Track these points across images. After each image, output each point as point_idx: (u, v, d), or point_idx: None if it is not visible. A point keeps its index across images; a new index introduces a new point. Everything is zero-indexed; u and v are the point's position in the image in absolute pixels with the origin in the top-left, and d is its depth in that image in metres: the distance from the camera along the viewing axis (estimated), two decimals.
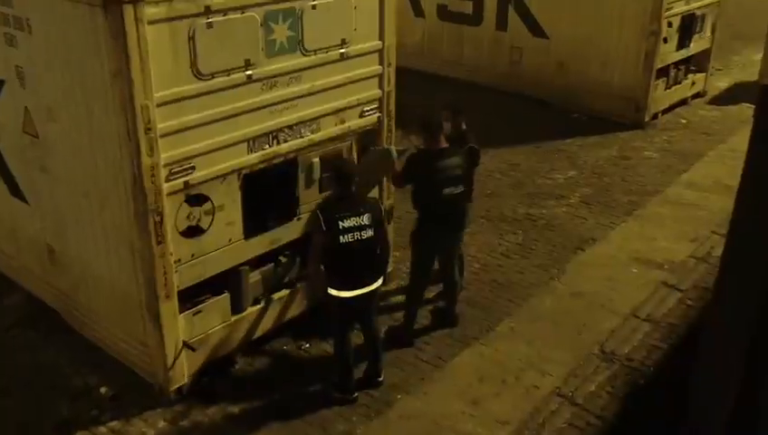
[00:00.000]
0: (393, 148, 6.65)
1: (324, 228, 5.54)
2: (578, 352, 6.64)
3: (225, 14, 5.30)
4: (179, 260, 5.61)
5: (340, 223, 5.55)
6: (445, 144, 6.33)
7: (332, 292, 5.70)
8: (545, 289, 7.60)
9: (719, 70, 14.68)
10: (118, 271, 5.81)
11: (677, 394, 5.64)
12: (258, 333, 6.45)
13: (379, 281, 5.88)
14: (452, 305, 6.99)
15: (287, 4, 5.68)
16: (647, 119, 12.03)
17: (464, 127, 6.82)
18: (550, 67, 12.71)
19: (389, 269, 7.55)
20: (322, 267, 5.67)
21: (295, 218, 6.38)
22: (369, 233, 5.64)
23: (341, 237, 5.54)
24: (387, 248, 6.10)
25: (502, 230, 8.81)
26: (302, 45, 5.92)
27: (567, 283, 7.72)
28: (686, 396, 5.30)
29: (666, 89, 12.34)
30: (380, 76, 6.64)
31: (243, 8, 5.41)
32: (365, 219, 5.63)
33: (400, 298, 7.36)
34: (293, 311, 6.66)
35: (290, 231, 6.38)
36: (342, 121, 6.46)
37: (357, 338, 6.22)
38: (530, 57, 12.91)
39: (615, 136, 11.76)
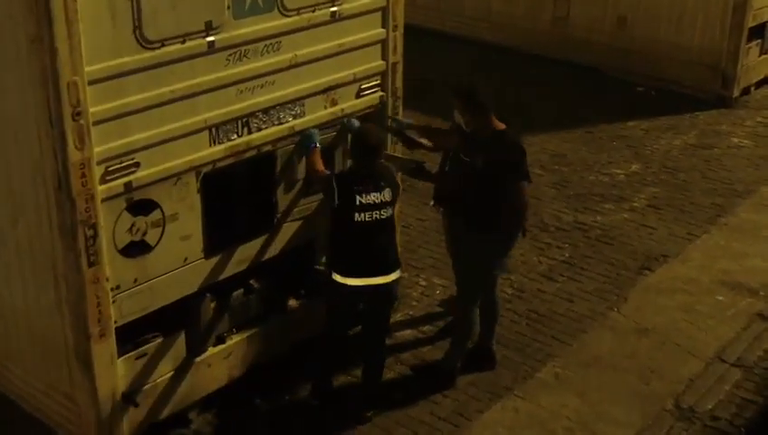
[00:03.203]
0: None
1: (337, 202, 5.95)
2: (646, 407, 6.64)
3: None
4: (118, 287, 5.60)
5: (358, 198, 5.94)
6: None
7: (337, 278, 6.09)
8: (601, 323, 7.60)
9: None
10: (36, 302, 5.79)
11: None
12: (222, 381, 6.44)
13: (396, 274, 6.20)
14: (490, 338, 7.01)
15: None
16: (736, 94, 12.06)
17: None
18: (606, 24, 12.72)
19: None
20: (330, 247, 6.25)
21: (272, 230, 6.38)
22: (390, 212, 6.08)
23: (357, 215, 5.96)
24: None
25: (542, 244, 8.81)
26: (281, 2, 5.92)
27: (630, 314, 7.72)
28: None
29: (761, 54, 12.36)
30: (384, 42, 6.65)
31: None
32: (386, 195, 6.03)
33: (409, 333, 7.37)
34: (269, 352, 6.66)
35: (265, 247, 6.38)
36: (334, 103, 6.45)
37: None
38: (580, 11, 12.93)
39: (693, 117, 11.77)
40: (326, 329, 6.48)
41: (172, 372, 6.09)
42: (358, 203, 5.95)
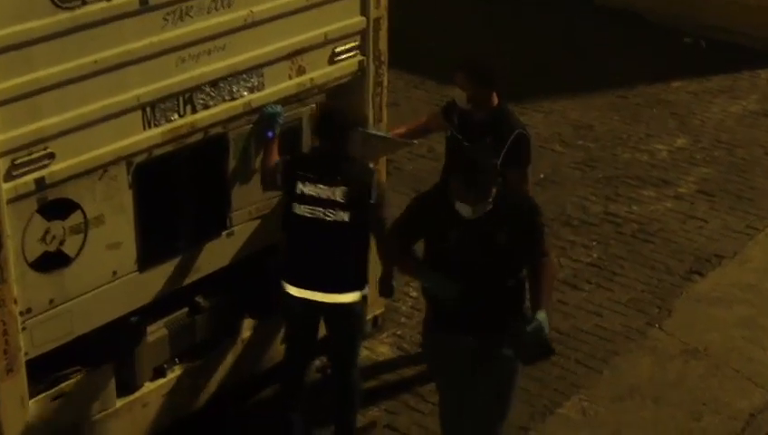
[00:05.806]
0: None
1: (279, 183, 6.20)
2: None
3: None
4: (29, 310, 5.60)
5: (300, 185, 6.04)
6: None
7: (282, 284, 6.28)
8: (639, 343, 7.66)
9: None
10: None
11: None
12: (163, 425, 6.47)
13: (349, 296, 6.20)
14: None
15: None
16: None
17: (495, 100, 6.68)
18: None
19: (378, 311, 7.58)
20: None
21: (224, 233, 6.43)
22: (342, 216, 6.05)
23: (297, 206, 6.11)
24: (366, 250, 6.40)
25: (564, 241, 8.85)
26: None
27: (676, 331, 7.77)
28: None
29: None
30: None
31: None
32: (338, 194, 6.02)
33: (396, 359, 7.41)
34: (223, 386, 6.71)
35: (215, 255, 6.42)
36: (301, 71, 6.47)
37: None
38: None
39: (753, 76, 11.81)
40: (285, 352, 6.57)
41: (99, 415, 6.11)
42: (298, 191, 6.03)
